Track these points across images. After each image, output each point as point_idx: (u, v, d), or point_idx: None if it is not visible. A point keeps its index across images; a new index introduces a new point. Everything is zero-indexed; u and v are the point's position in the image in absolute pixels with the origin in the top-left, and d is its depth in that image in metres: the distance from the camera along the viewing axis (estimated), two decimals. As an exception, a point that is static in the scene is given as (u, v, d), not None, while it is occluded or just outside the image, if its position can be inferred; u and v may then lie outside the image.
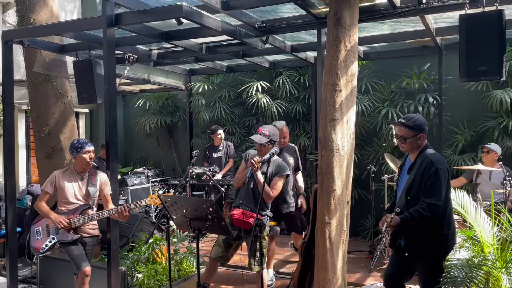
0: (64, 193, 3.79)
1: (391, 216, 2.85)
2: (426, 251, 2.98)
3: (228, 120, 7.82)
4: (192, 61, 6.85)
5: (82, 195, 3.84)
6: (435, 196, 2.86)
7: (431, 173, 2.89)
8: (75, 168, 3.91)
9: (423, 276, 3.05)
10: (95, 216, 3.76)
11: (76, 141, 3.95)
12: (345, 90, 4.04)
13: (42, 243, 3.70)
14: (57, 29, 4.79)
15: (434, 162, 2.92)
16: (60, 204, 3.83)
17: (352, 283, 4.51)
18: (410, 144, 3.07)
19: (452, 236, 3.02)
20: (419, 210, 2.84)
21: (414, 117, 3.10)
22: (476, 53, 3.72)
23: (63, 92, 5.43)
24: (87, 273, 3.69)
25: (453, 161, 6.15)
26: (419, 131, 3.05)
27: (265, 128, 3.89)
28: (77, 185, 3.85)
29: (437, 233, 2.95)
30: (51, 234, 3.71)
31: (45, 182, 3.87)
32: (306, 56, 6.63)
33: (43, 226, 3.72)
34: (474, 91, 6.17)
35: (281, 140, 4.67)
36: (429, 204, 2.84)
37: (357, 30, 4.14)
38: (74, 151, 3.84)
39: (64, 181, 3.82)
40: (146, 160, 9.11)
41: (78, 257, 3.70)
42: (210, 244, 6.12)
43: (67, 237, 3.72)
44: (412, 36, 5.65)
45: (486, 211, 3.90)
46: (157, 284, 4.54)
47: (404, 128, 3.06)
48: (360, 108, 6.46)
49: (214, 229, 3.08)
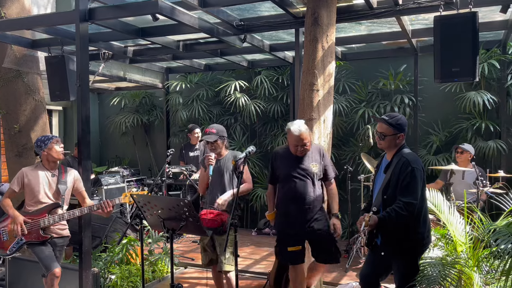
0: (33, 191, 3.61)
1: (369, 215, 2.85)
2: (402, 250, 3.00)
3: (206, 119, 7.75)
4: (169, 59, 6.76)
5: (52, 193, 3.67)
6: (412, 195, 2.89)
7: (407, 173, 2.91)
8: (44, 165, 3.71)
9: (399, 274, 3.07)
10: (66, 216, 3.62)
11: (41, 136, 3.73)
12: (322, 90, 4.06)
13: (9, 244, 3.54)
14: (27, 23, 4.64)
15: (410, 162, 2.94)
16: (27, 204, 3.64)
17: (328, 282, 4.52)
18: (389, 142, 3.09)
19: (427, 235, 3.05)
20: (396, 209, 2.86)
21: (397, 116, 3.14)
22: (450, 54, 3.77)
23: (34, 89, 5.28)
24: (57, 275, 3.56)
25: (428, 161, 6.25)
26: (399, 131, 3.07)
27: (212, 128, 3.87)
28: (47, 183, 3.66)
29: (413, 231, 2.97)
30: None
31: (13, 179, 3.68)
32: (285, 56, 6.63)
33: (10, 226, 3.57)
34: (448, 93, 6.29)
35: (299, 148, 3.59)
36: (406, 203, 2.86)
37: (334, 30, 4.16)
38: (41, 145, 3.64)
39: (33, 178, 3.62)
40: (121, 160, 8.95)
41: (47, 258, 3.56)
42: (186, 245, 6.07)
43: (36, 237, 3.56)
44: (389, 37, 5.73)
45: (459, 210, 3.96)
46: (131, 286, 4.44)
47: (385, 124, 3.09)
48: (337, 108, 6.50)
49: (188, 229, 3.03)
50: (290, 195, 3.62)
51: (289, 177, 3.62)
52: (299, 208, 3.58)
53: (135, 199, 3.09)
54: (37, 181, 3.63)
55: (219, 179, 3.86)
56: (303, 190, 3.58)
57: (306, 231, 3.60)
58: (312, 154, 3.65)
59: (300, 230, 3.59)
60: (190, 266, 5.30)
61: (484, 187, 4.65)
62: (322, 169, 3.67)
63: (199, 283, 4.76)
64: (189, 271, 5.20)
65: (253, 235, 7.03)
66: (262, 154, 7.48)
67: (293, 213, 3.61)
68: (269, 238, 6.80)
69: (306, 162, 3.62)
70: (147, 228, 5.14)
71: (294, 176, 3.60)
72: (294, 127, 3.52)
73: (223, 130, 3.93)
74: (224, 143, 3.90)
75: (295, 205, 3.60)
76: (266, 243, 6.39)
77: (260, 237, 6.91)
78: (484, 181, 4.72)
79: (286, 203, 3.66)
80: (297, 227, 3.60)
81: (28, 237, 3.54)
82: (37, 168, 3.71)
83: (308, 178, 3.60)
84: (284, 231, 3.67)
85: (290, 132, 3.55)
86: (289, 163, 3.64)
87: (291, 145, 3.59)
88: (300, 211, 3.59)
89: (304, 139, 3.51)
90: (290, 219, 3.63)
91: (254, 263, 5.46)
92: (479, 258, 3.30)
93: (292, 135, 3.53)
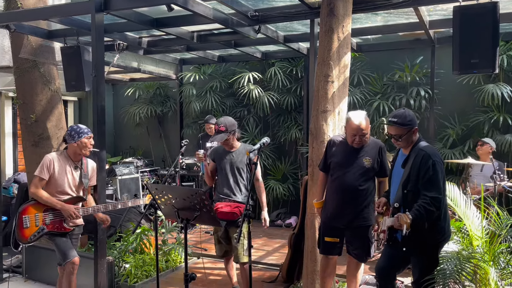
0: (58, 181, 3.54)
1: (406, 216, 2.75)
2: (424, 244, 2.98)
3: (219, 111, 7.75)
4: (183, 50, 6.76)
5: (75, 185, 3.62)
6: (436, 189, 2.85)
7: (428, 166, 2.87)
8: (69, 154, 3.62)
9: (419, 268, 3.04)
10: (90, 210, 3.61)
11: (76, 126, 3.64)
12: (338, 81, 4.01)
13: (30, 232, 3.56)
14: (44, 13, 4.67)
15: (431, 155, 2.91)
16: (51, 193, 3.56)
17: (341, 275, 4.50)
18: (406, 140, 3.06)
19: (448, 228, 3.03)
20: (425, 205, 2.81)
21: (404, 113, 3.07)
22: (469, 45, 3.69)
23: (50, 79, 5.31)
24: (76, 263, 3.60)
25: (444, 155, 6.16)
26: (412, 126, 3.03)
27: (220, 124, 3.84)
28: (70, 174, 3.60)
29: (434, 225, 2.93)
30: (41, 224, 3.58)
31: (39, 167, 3.55)
32: (299, 47, 6.57)
33: (32, 215, 3.58)
34: (466, 85, 6.18)
35: (356, 139, 3.47)
36: (432, 198, 2.82)
37: (350, 20, 4.09)
38: (75, 136, 3.54)
39: (59, 167, 3.54)
40: (135, 150, 9.02)
41: (66, 247, 3.58)
42: (199, 235, 6.09)
43: (59, 228, 3.57)
44: (405, 28, 5.63)
45: (475, 204, 3.90)
46: (145, 275, 4.49)
47: (397, 127, 3.04)
48: (352, 100, 6.43)
49: (202, 220, 3.03)
50: (337, 185, 3.56)
51: (339, 167, 3.56)
52: (343, 200, 3.52)
53: (150, 189, 3.10)
54: (63, 171, 3.57)
55: (231, 172, 3.87)
56: (350, 182, 3.49)
57: (345, 224, 3.54)
58: (368, 148, 3.54)
59: (340, 222, 3.55)
60: (203, 257, 5.33)
61: (502, 181, 4.58)
62: (376, 166, 3.53)
63: (212, 273, 4.79)
64: (202, 262, 5.23)
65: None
66: (275, 146, 7.46)
67: (337, 204, 3.55)
68: (281, 230, 6.81)
69: (359, 155, 3.51)
70: (160, 218, 5.19)
71: (344, 167, 3.53)
72: (355, 116, 3.46)
73: (233, 124, 3.89)
74: (235, 136, 3.88)
75: (340, 197, 3.54)
76: (278, 235, 6.40)
77: (272, 228, 6.91)
78: (501, 175, 4.64)
79: (332, 193, 3.60)
80: (337, 219, 3.55)
81: (50, 227, 3.56)
82: (63, 157, 3.62)
83: (358, 172, 3.50)
84: (326, 220, 3.65)
85: (349, 122, 3.49)
86: (342, 153, 3.56)
87: (348, 135, 3.52)
88: (344, 203, 3.52)
89: (363, 130, 3.42)
90: (333, 209, 3.58)
91: (266, 254, 5.48)
92: (496, 252, 3.26)
93: (352, 124, 3.46)
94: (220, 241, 3.92)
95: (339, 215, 3.55)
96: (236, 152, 3.90)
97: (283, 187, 7.18)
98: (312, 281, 3.98)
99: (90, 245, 4.87)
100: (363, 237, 3.54)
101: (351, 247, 3.62)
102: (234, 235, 3.71)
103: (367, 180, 3.51)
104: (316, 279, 3.95)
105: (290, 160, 7.46)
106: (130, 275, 4.41)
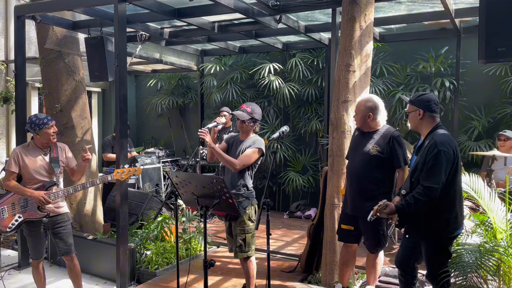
0: (29, 170, 3.63)
1: (383, 202, 2.87)
2: (424, 232, 2.95)
3: (240, 102, 7.76)
4: (204, 41, 6.78)
5: (46, 171, 3.68)
6: (432, 179, 2.77)
7: (432, 155, 2.80)
8: (36, 144, 3.70)
9: (426, 258, 3.04)
10: (61, 193, 3.65)
11: (34, 117, 3.66)
12: (359, 71, 3.96)
13: (9, 221, 3.60)
14: (68, 4, 4.75)
15: (438, 144, 2.81)
16: (26, 183, 3.65)
17: (360, 266, 4.47)
18: (411, 119, 3.05)
19: (454, 221, 2.92)
20: (415, 195, 2.80)
21: (422, 93, 3.08)
22: (496, 33, 3.57)
23: (74, 69, 5.43)
24: (34, 265, 3.80)
25: (468, 147, 6.03)
26: (417, 106, 2.98)
27: (248, 105, 3.74)
28: (41, 161, 3.67)
29: (435, 216, 2.87)
30: (17, 213, 3.61)
31: (8, 161, 3.68)
32: (320, 38, 6.50)
33: (9, 205, 3.61)
34: (492, 76, 6.01)
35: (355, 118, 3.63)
36: (426, 188, 2.77)
37: (373, 9, 4.03)
38: (36, 128, 3.60)
39: (27, 157, 3.64)
40: (157, 141, 9.14)
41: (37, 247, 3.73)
42: (218, 225, 6.15)
43: (34, 215, 3.62)
44: (430, 17, 5.49)
45: (500, 197, 3.81)
46: (165, 262, 4.57)
47: (408, 103, 3.08)
48: (374, 91, 6.34)
49: (221, 207, 3.06)
50: (349, 173, 3.64)
51: (351, 154, 3.66)
52: (353, 188, 3.56)
53: (171, 176, 3.15)
54: (32, 160, 3.64)
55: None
56: (359, 171, 3.50)
57: (354, 213, 3.55)
58: (378, 136, 3.49)
59: (349, 209, 3.58)
60: (222, 246, 5.38)
61: (528, 175, 4.45)
62: (385, 154, 3.42)
63: (231, 262, 4.83)
64: (222, 250, 5.28)
65: (284, 218, 7.06)
66: (295, 137, 7.44)
67: (348, 191, 3.62)
68: (300, 221, 6.81)
69: (368, 143, 3.49)
70: (181, 207, 5.26)
71: (353, 154, 3.62)
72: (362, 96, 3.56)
73: (259, 113, 3.76)
74: (253, 127, 3.74)
75: (349, 183, 3.62)
76: (297, 226, 6.40)
77: (291, 220, 6.93)
78: (527, 168, 4.52)
79: (347, 180, 3.69)
80: (349, 207, 3.59)
81: (26, 215, 3.61)
82: (30, 147, 3.71)
83: (362, 159, 3.48)
84: (342, 207, 3.75)
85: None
86: (354, 141, 3.68)
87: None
88: (354, 191, 3.55)
89: (355, 108, 3.58)
90: (345, 197, 3.67)
91: (286, 244, 5.49)
92: (520, 246, 3.17)
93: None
94: (228, 236, 3.83)
95: (347, 203, 3.63)
96: (245, 142, 3.71)
97: (303, 178, 7.16)
98: (330, 271, 3.98)
99: (113, 232, 4.97)
100: (371, 229, 3.51)
101: (364, 237, 3.64)
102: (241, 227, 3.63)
103: (372, 168, 3.44)
104: (335, 269, 3.94)
105: (310, 152, 7.43)
106: (151, 262, 4.50)
